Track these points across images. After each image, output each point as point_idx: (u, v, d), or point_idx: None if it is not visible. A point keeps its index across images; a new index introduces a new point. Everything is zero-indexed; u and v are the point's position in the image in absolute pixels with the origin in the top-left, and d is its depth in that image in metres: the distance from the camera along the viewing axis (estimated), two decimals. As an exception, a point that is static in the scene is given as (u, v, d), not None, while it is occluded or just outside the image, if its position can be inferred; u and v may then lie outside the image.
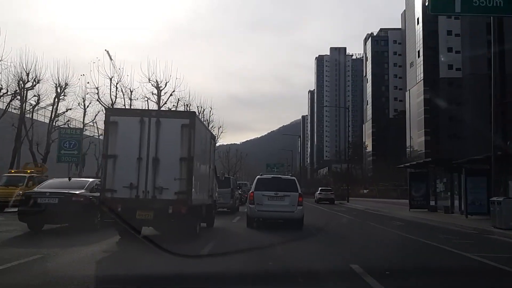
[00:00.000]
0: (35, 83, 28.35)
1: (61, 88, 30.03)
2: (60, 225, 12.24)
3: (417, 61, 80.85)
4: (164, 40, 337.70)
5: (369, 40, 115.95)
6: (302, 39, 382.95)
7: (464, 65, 72.21)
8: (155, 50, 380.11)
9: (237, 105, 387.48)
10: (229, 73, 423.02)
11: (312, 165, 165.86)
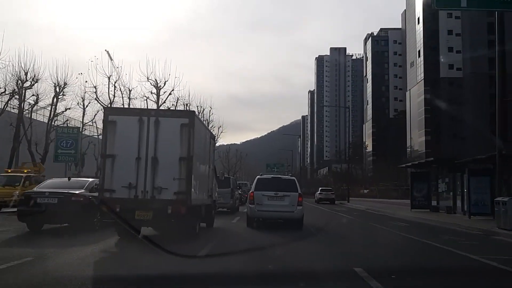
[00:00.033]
0: (33, 82, 28.08)
1: (60, 88, 29.74)
2: (60, 225, 12.19)
3: (417, 60, 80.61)
4: (164, 40, 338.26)
5: (369, 40, 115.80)
6: (302, 39, 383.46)
7: (465, 64, 72.00)
8: (155, 50, 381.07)
9: (237, 105, 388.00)
10: (229, 73, 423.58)
11: (312, 165, 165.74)
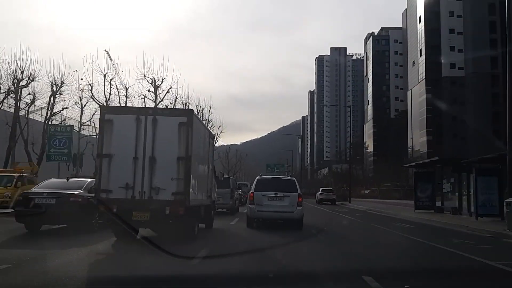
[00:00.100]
0: (29, 81, 27.67)
1: (57, 87, 29.27)
2: (58, 226, 12.08)
3: (418, 60, 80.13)
4: (164, 40, 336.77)
5: (370, 39, 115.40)
6: (302, 39, 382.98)
7: (467, 64, 71.52)
8: (155, 50, 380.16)
9: (237, 105, 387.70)
10: (229, 73, 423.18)
11: (313, 165, 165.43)
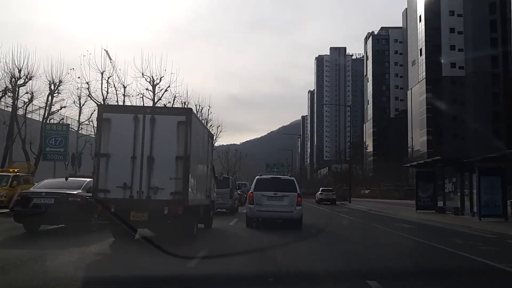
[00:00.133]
0: (27, 79, 27.37)
1: (55, 86, 28.95)
2: (57, 226, 12.00)
3: (419, 59, 79.81)
4: (164, 40, 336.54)
5: (370, 39, 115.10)
6: (302, 39, 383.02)
7: (467, 63, 71.23)
8: (155, 50, 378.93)
9: (237, 105, 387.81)
10: (229, 73, 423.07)
11: (312, 165, 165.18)
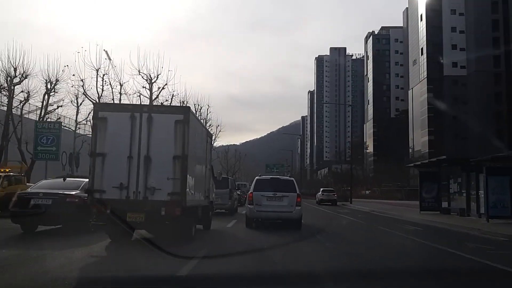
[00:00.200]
0: (23, 78, 26.85)
1: (51, 84, 28.44)
2: (54, 226, 11.86)
3: (420, 58, 79.30)
4: (164, 40, 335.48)
5: (370, 38, 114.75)
6: (302, 39, 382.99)
7: (469, 62, 70.70)
8: (155, 50, 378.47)
9: (237, 105, 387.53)
10: (229, 73, 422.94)
11: (312, 165, 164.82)
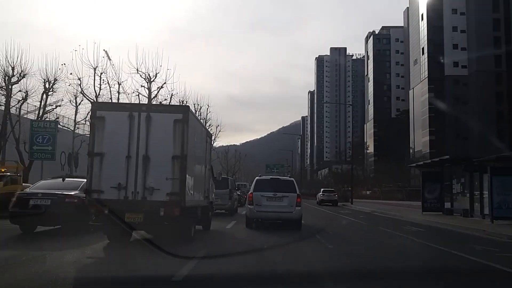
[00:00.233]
0: (20, 77, 26.59)
1: (49, 84, 28.16)
2: (53, 227, 11.80)
3: (421, 58, 79.01)
4: (164, 40, 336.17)
5: (371, 38, 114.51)
6: (302, 39, 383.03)
7: (470, 62, 70.41)
8: (155, 50, 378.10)
9: (237, 106, 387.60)
10: (228, 73, 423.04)
11: (312, 166, 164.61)
